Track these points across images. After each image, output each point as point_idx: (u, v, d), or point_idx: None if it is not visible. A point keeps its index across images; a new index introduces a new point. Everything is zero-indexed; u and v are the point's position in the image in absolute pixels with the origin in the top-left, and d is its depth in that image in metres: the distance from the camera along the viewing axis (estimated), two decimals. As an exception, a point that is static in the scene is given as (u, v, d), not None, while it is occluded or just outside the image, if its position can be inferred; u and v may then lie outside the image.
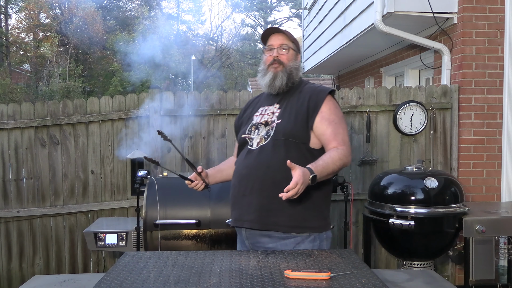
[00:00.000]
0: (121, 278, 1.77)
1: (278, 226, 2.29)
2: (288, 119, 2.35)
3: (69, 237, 4.49)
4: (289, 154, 2.27)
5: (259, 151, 2.36)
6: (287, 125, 2.33)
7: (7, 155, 4.45)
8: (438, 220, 3.57)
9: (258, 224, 2.33)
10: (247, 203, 2.35)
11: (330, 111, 2.34)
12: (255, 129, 2.43)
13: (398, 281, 2.31)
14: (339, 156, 2.23)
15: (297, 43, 2.53)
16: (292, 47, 2.47)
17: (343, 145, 2.28)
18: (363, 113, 4.43)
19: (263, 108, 2.48)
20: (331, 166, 2.20)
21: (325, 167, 2.18)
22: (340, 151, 2.25)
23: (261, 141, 2.37)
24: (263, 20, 33.73)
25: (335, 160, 2.22)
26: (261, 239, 2.34)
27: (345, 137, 2.32)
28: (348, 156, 2.28)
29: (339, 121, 2.34)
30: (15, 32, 22.48)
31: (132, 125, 4.39)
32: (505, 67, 4.38)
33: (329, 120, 2.32)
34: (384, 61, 6.63)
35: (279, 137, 2.32)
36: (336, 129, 2.30)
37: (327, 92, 2.39)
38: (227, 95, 4.45)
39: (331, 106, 2.36)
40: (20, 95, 16.76)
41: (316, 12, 7.89)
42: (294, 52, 2.49)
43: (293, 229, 2.30)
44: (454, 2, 4.49)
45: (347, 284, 1.67)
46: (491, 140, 4.43)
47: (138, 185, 3.47)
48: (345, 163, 2.26)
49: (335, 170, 2.24)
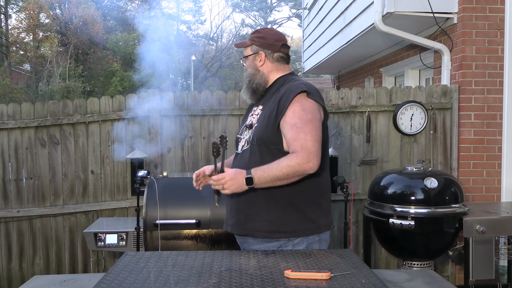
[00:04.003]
0: (121, 278, 1.77)
1: (256, 232, 2.27)
2: (262, 123, 2.30)
3: (69, 237, 4.49)
4: (264, 158, 2.23)
5: (241, 155, 2.39)
6: (259, 130, 2.29)
7: (7, 155, 4.45)
8: (438, 220, 3.57)
9: (237, 229, 2.36)
10: (230, 207, 2.40)
11: (293, 114, 2.19)
12: (244, 130, 2.44)
13: (398, 281, 2.31)
14: (288, 162, 2.11)
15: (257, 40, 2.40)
16: (249, 52, 2.41)
17: (300, 150, 2.12)
18: (363, 113, 4.43)
19: (255, 108, 2.46)
20: (275, 171, 2.12)
21: (266, 171, 2.13)
22: (292, 158, 2.12)
23: (244, 145, 2.39)
24: (263, 20, 33.72)
25: (282, 166, 2.11)
26: (247, 240, 2.35)
27: (307, 142, 2.13)
28: (304, 163, 2.10)
29: (302, 125, 2.16)
30: (15, 32, 22.48)
31: (132, 125, 4.39)
32: (505, 67, 4.38)
33: (290, 124, 2.18)
34: (384, 61, 6.63)
35: (254, 142, 2.30)
36: (296, 134, 2.15)
37: (296, 92, 2.22)
38: (227, 95, 4.45)
39: (296, 108, 2.19)
40: (20, 95, 16.76)
41: (316, 12, 7.89)
42: (251, 57, 2.41)
43: (272, 234, 2.25)
44: (454, 2, 4.49)
45: (347, 284, 1.67)
46: (491, 140, 4.43)
47: (138, 185, 3.48)
48: (297, 171, 2.11)
49: (281, 176, 2.12)
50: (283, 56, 2.42)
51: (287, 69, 2.44)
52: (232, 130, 4.40)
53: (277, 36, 2.43)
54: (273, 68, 2.40)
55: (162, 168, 4.35)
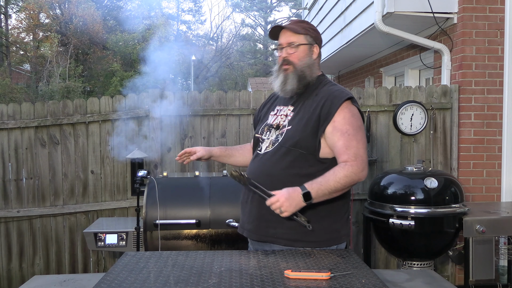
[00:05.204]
0: (121, 278, 1.77)
1: (277, 239, 2.19)
2: (298, 126, 2.19)
3: (69, 237, 4.49)
4: (294, 164, 2.16)
5: (264, 157, 2.26)
6: (295, 134, 2.18)
7: (7, 155, 4.45)
8: (438, 220, 3.57)
9: (256, 235, 2.27)
10: (248, 211, 2.29)
11: (344, 120, 2.13)
12: (267, 130, 2.33)
13: (398, 281, 2.31)
14: (344, 172, 2.06)
15: (312, 32, 2.30)
16: (303, 41, 2.26)
17: (354, 159, 2.08)
18: (363, 113, 4.42)
19: (279, 107, 2.34)
20: (333, 183, 2.05)
21: (323, 184, 2.05)
22: (348, 167, 2.07)
23: (269, 147, 2.26)
24: (263, 20, 33.73)
25: (339, 177, 2.05)
26: (264, 247, 2.26)
27: (359, 150, 2.10)
28: (359, 172, 2.07)
29: (354, 132, 2.12)
30: (15, 32, 22.49)
31: (132, 125, 4.39)
32: (505, 67, 4.38)
33: (341, 131, 2.12)
34: (384, 61, 6.63)
35: (286, 146, 2.19)
36: (348, 142, 2.10)
37: (343, 98, 2.16)
38: (227, 95, 4.45)
39: (346, 114, 2.14)
40: (20, 95, 16.76)
41: (316, 12, 7.90)
42: (307, 47, 2.27)
43: (294, 243, 2.17)
44: (454, 2, 4.49)
45: (347, 284, 1.67)
46: (491, 140, 4.43)
47: (138, 185, 3.47)
48: (353, 180, 2.08)
49: (339, 188, 2.07)
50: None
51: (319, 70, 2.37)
52: (232, 130, 4.40)
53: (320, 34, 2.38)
54: (318, 66, 2.33)
55: (162, 168, 4.35)
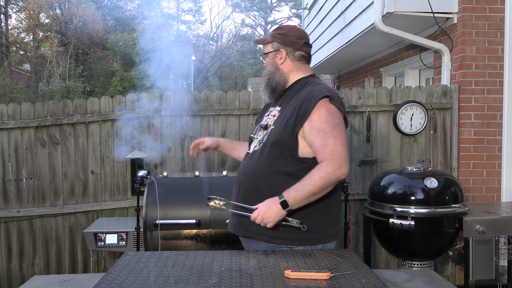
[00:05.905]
0: (121, 278, 1.77)
1: (259, 235, 2.22)
2: (279, 126, 2.23)
3: (69, 237, 4.49)
4: (274, 163, 2.20)
5: (251, 156, 2.33)
6: (276, 133, 2.22)
7: (7, 155, 4.45)
8: (438, 220, 3.57)
9: (240, 231, 2.32)
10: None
11: (320, 118, 2.12)
12: (259, 130, 2.38)
13: (398, 281, 2.31)
14: (319, 174, 2.06)
15: (279, 37, 2.34)
16: (270, 49, 2.35)
17: (330, 158, 2.06)
18: (363, 113, 4.43)
19: (272, 108, 2.39)
20: (309, 187, 2.06)
21: (299, 190, 2.07)
22: (322, 168, 2.06)
23: (256, 146, 2.33)
24: (263, 20, 33.74)
25: (314, 180, 2.06)
26: (251, 244, 2.31)
27: (336, 147, 2.08)
28: (335, 171, 2.05)
29: (331, 130, 2.11)
30: (15, 32, 22.49)
31: (132, 125, 4.38)
32: (505, 67, 4.38)
33: (318, 129, 2.11)
34: (384, 61, 6.63)
35: (268, 145, 2.24)
36: (325, 140, 2.09)
37: (319, 97, 2.15)
38: (227, 95, 4.45)
39: (323, 113, 2.13)
40: (20, 95, 16.76)
41: (316, 12, 7.90)
42: (272, 54, 2.34)
43: (275, 240, 2.20)
44: (454, 2, 4.49)
45: (347, 284, 1.67)
46: (491, 140, 4.43)
47: (138, 185, 3.47)
48: (330, 180, 2.06)
49: (316, 190, 2.07)
50: (304, 55, 2.35)
51: (307, 70, 2.37)
52: (232, 130, 4.40)
53: (299, 33, 2.36)
54: (294, 67, 2.34)
55: (162, 168, 4.35)
